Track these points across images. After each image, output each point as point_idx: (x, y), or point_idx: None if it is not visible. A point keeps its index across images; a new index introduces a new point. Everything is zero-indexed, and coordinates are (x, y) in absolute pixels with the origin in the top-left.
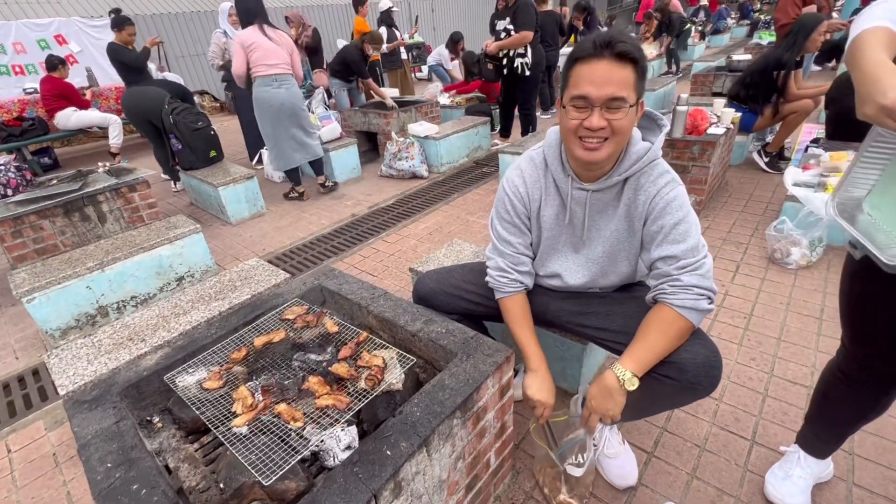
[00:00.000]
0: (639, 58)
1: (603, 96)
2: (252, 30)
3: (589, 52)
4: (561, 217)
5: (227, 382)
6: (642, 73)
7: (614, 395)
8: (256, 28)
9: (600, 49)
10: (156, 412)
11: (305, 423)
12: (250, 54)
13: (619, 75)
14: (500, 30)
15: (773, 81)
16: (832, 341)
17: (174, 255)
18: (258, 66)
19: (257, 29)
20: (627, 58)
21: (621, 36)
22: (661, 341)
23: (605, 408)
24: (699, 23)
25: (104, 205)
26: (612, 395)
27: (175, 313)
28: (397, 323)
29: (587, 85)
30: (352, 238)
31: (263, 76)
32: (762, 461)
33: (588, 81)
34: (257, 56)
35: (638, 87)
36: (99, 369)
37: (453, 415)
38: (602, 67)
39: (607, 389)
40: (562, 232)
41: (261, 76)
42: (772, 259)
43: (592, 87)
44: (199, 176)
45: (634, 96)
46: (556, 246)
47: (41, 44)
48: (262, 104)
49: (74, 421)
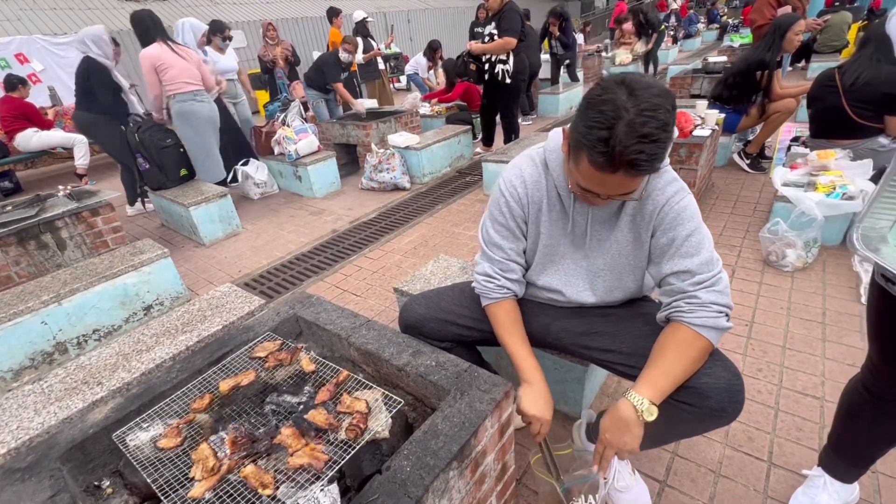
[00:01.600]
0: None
1: (612, 196)
2: (158, 47)
3: (602, 165)
4: (561, 224)
5: (186, 438)
6: None
7: (631, 427)
8: (161, 44)
9: (617, 166)
10: (105, 475)
11: (277, 486)
12: (164, 73)
13: (633, 184)
14: (485, 34)
15: (755, 81)
16: (839, 347)
17: (140, 282)
18: (175, 83)
19: (163, 45)
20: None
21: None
22: (681, 364)
23: (622, 442)
24: (671, 27)
25: (63, 231)
26: (630, 428)
27: (137, 350)
28: (382, 356)
29: (597, 186)
30: (333, 255)
31: (183, 92)
32: (783, 485)
33: (597, 184)
34: (173, 74)
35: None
36: (47, 420)
37: (449, 466)
38: (615, 180)
39: (623, 421)
40: (561, 240)
41: (180, 93)
42: (767, 262)
43: (602, 190)
44: (168, 196)
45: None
46: (555, 256)
47: (1, 63)
48: (190, 117)
49: (3, 496)
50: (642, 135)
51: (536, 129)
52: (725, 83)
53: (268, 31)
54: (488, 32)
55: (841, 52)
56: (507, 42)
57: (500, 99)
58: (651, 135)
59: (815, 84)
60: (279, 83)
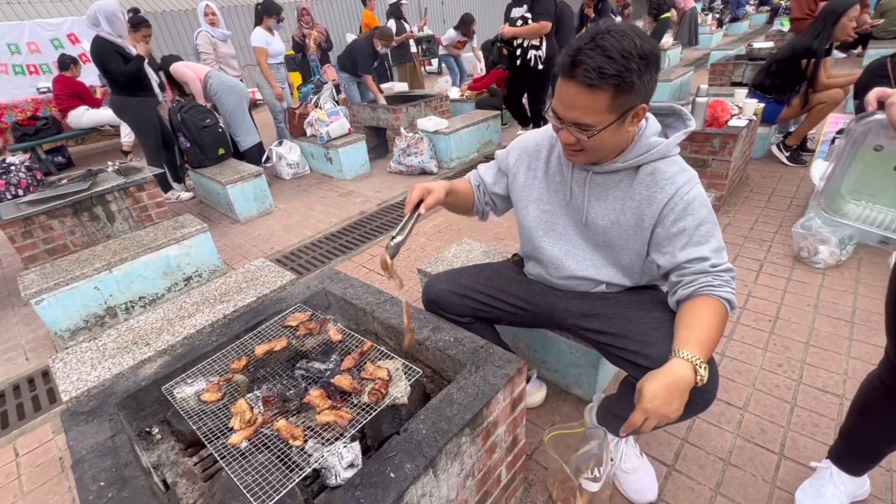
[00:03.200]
0: (616, 74)
1: (568, 118)
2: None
3: (561, 68)
4: (561, 195)
5: (226, 394)
6: (629, 88)
7: (684, 390)
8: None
9: (568, 69)
10: (155, 423)
11: (306, 440)
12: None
13: (583, 101)
14: (517, 17)
15: (800, 70)
16: (865, 347)
17: (182, 254)
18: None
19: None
20: (598, 82)
21: (597, 50)
22: (718, 331)
23: (671, 409)
24: (717, 10)
25: (113, 204)
26: (683, 392)
27: (180, 316)
28: (403, 330)
29: (557, 101)
30: (360, 236)
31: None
32: (791, 477)
33: (558, 98)
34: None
35: (616, 106)
36: (102, 374)
37: (462, 432)
38: (569, 90)
39: (678, 384)
40: (560, 211)
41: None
42: (798, 258)
43: (561, 106)
44: (207, 174)
45: (609, 118)
46: (557, 225)
47: (54, 43)
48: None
49: (70, 434)
50: (599, 45)
51: None
52: (768, 70)
53: (302, 16)
54: (521, 15)
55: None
56: (542, 26)
57: (532, 85)
58: (606, 49)
59: (865, 73)
60: (312, 65)
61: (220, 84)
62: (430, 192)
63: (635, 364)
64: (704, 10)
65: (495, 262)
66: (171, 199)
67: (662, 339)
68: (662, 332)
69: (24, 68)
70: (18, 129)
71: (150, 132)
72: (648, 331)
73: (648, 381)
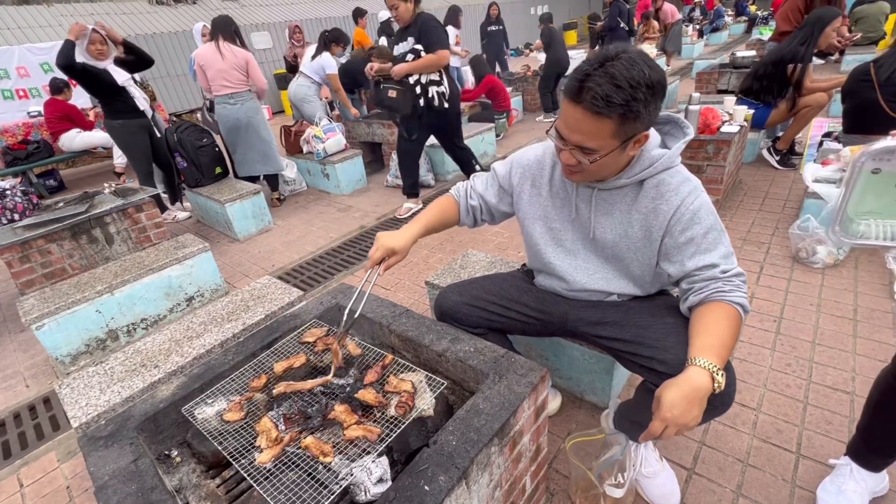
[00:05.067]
0: (623, 103)
1: (572, 140)
2: (207, 47)
3: (568, 92)
4: (566, 211)
5: (248, 413)
6: (635, 117)
7: (703, 398)
8: (212, 44)
9: (575, 93)
10: (174, 445)
11: (334, 457)
12: (204, 73)
13: (588, 126)
14: (404, 52)
15: (786, 75)
16: (870, 343)
17: (183, 275)
18: (214, 84)
19: (212, 45)
20: (605, 110)
21: (606, 77)
22: (733, 337)
23: (690, 417)
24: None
25: (111, 226)
26: (702, 400)
27: (188, 336)
28: (422, 342)
29: (562, 122)
30: (362, 250)
31: (220, 95)
32: (811, 475)
33: (563, 119)
34: (211, 75)
35: (620, 133)
36: (112, 398)
37: (491, 442)
38: (575, 114)
39: (696, 392)
40: (568, 227)
41: (218, 95)
42: (796, 258)
43: (565, 128)
44: (205, 193)
45: (612, 144)
46: (565, 241)
47: (44, 67)
48: (220, 119)
49: (90, 460)
50: (609, 72)
51: None
52: (755, 75)
53: (294, 34)
54: (410, 49)
55: (877, 43)
56: (441, 56)
57: (442, 129)
58: (616, 79)
59: (850, 78)
60: None
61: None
62: (395, 253)
63: (652, 370)
64: (685, 21)
65: (504, 273)
66: (167, 220)
67: (677, 343)
68: (677, 337)
69: (14, 93)
70: (9, 154)
71: (137, 153)
72: (663, 336)
73: (666, 390)
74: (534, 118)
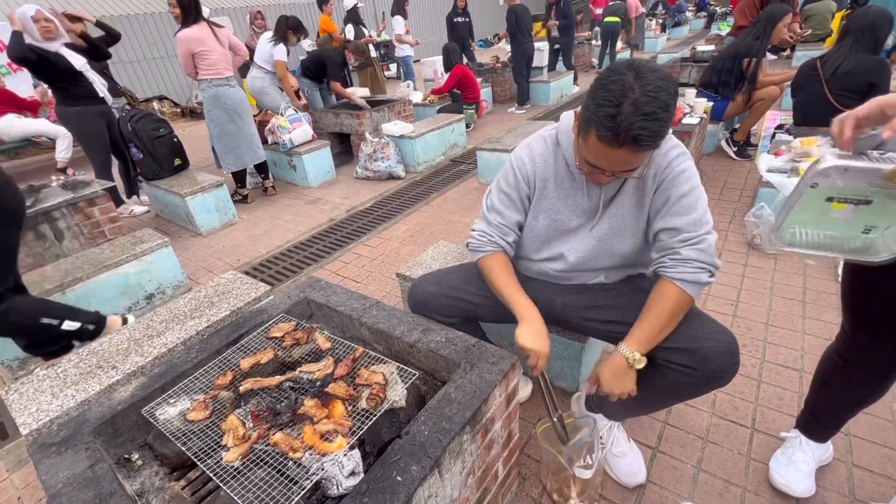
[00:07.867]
0: (665, 130)
1: (615, 171)
2: (199, 29)
3: (609, 140)
4: (574, 199)
5: (213, 412)
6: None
7: (627, 375)
8: (203, 27)
9: (612, 140)
10: (134, 448)
11: (304, 452)
12: (203, 58)
13: (635, 159)
14: None
15: (742, 69)
16: (818, 323)
17: (142, 271)
18: (215, 68)
19: (204, 28)
20: (655, 144)
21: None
22: (662, 318)
23: (622, 387)
24: (660, 16)
25: (61, 221)
26: (626, 376)
27: (148, 335)
28: (393, 334)
29: (602, 161)
30: (331, 244)
31: (221, 77)
32: (764, 448)
33: (603, 158)
34: (213, 59)
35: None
36: (65, 403)
37: (463, 430)
38: (617, 154)
39: (619, 371)
40: (573, 214)
41: (218, 78)
42: (752, 245)
43: (607, 164)
44: (163, 186)
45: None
46: (564, 228)
47: None
48: (226, 101)
49: (42, 467)
50: (645, 113)
51: (528, 118)
52: (714, 68)
53: (255, 20)
54: None
55: (825, 40)
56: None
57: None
58: (653, 113)
59: (799, 73)
60: None
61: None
62: (541, 356)
63: None
64: (648, 15)
65: None
66: (123, 214)
67: None
68: None
69: None
70: None
71: (95, 143)
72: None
73: (601, 369)
74: (504, 109)
